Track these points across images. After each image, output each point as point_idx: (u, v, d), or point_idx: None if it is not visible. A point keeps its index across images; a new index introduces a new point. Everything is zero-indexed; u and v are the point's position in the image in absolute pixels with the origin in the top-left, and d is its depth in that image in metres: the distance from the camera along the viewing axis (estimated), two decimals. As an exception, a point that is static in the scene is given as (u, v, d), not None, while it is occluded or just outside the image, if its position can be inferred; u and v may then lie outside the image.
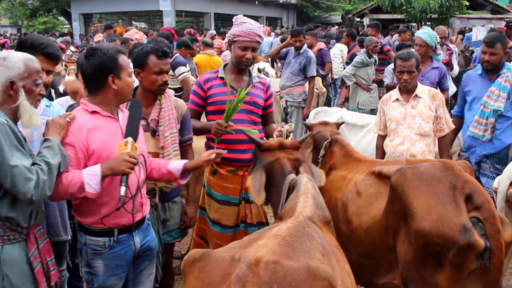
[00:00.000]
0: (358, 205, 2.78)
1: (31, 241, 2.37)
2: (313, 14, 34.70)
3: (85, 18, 26.52)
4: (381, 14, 18.90)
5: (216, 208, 3.38)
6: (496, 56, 4.04)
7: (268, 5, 31.68)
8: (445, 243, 2.23)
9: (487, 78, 4.18)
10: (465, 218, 2.24)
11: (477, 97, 4.18)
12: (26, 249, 2.34)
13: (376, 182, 2.75)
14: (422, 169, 2.47)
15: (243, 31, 3.25)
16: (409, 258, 2.37)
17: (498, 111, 4.04)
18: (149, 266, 2.82)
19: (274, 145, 2.58)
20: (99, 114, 2.52)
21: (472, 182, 2.39)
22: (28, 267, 2.34)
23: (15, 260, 2.30)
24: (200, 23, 27.62)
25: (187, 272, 1.62)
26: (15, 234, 2.30)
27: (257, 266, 1.45)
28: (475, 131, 4.15)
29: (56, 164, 2.28)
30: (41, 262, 2.40)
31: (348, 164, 3.13)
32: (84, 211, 2.53)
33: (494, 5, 19.48)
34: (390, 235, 2.51)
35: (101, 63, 2.47)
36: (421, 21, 15.52)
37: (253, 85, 3.36)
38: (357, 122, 5.42)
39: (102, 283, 2.58)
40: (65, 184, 2.34)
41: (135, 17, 28.26)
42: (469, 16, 16.44)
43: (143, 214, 2.70)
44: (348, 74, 7.36)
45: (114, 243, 2.55)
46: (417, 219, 2.32)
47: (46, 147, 2.31)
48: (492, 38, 4.15)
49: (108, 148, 2.48)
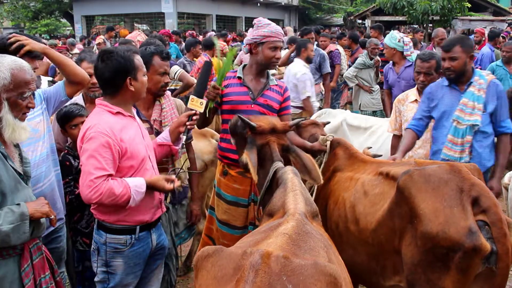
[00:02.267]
0: (365, 205, 2.75)
1: (24, 257, 2.26)
2: (315, 16, 34.76)
3: (87, 20, 26.59)
4: (383, 16, 18.94)
5: (224, 208, 3.40)
6: (457, 61, 3.43)
7: (270, 7, 31.72)
8: (451, 246, 2.21)
9: (456, 89, 3.54)
10: (471, 221, 2.21)
11: (446, 111, 3.53)
12: (19, 265, 2.23)
13: (383, 183, 2.72)
14: (429, 171, 2.43)
15: (272, 31, 3.28)
16: (415, 261, 2.34)
17: (475, 126, 3.42)
18: (160, 266, 2.87)
19: (267, 129, 2.61)
20: (122, 114, 2.56)
21: (479, 185, 2.35)
22: (19, 284, 2.23)
23: (6, 277, 2.19)
24: (202, 25, 27.64)
25: (200, 266, 1.68)
26: (8, 249, 2.19)
27: (268, 258, 1.53)
28: (450, 153, 3.48)
29: (7, 230, 2.10)
30: (33, 278, 2.30)
31: (354, 165, 3.09)
32: (107, 210, 2.54)
33: (496, 7, 19.50)
34: (396, 237, 2.49)
35: (119, 66, 2.48)
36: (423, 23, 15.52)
37: (269, 88, 3.38)
38: (361, 124, 5.40)
39: (120, 281, 2.60)
40: (115, 195, 2.38)
41: (137, 19, 28.31)
42: (471, 18, 16.43)
43: (162, 211, 2.77)
44: (350, 75, 7.38)
45: (135, 240, 2.59)
46: (424, 222, 2.30)
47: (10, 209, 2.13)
48: (449, 41, 3.60)
49: (135, 147, 2.54)
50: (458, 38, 3.64)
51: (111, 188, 2.37)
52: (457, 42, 3.48)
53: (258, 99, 3.31)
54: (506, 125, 3.53)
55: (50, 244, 2.84)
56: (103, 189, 2.36)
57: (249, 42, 3.33)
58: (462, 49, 3.43)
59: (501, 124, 3.52)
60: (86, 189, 2.37)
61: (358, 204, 2.78)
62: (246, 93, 3.30)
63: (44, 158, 2.78)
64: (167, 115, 3.18)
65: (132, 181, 2.46)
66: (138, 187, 2.45)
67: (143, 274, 2.75)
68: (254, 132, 2.61)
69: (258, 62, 3.34)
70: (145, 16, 27.51)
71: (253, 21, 3.45)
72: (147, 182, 2.50)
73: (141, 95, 2.65)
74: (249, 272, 1.49)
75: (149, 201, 2.62)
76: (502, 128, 3.52)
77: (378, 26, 9.68)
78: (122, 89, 2.53)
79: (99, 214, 2.59)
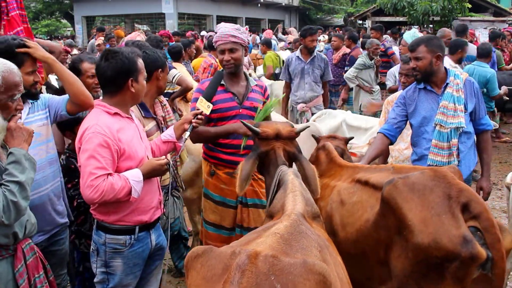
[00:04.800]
0: (343, 215, 2.65)
1: (18, 257, 2.25)
2: (315, 16, 34.74)
3: (88, 21, 26.57)
4: (383, 16, 18.94)
5: (212, 208, 3.39)
6: (421, 60, 3.34)
7: (270, 8, 31.71)
8: (445, 256, 2.12)
9: (433, 91, 3.43)
10: (464, 228, 2.13)
11: (426, 116, 3.42)
12: (12, 266, 2.23)
13: (361, 191, 2.62)
14: (413, 179, 2.32)
15: (218, 36, 3.31)
16: (407, 273, 2.25)
17: (460, 129, 3.33)
18: (159, 267, 2.89)
19: (271, 135, 2.58)
20: (120, 115, 2.57)
21: (467, 190, 2.26)
22: (14, 284, 2.22)
23: (0, 278, 2.18)
24: (202, 26, 27.63)
25: (190, 267, 1.66)
26: (1, 250, 2.19)
27: (256, 258, 1.51)
28: (438, 159, 3.37)
29: (27, 179, 2.16)
30: (28, 278, 2.29)
31: (331, 171, 3.01)
32: (106, 210, 2.56)
33: (497, 7, 19.48)
34: (381, 249, 2.40)
35: (122, 66, 2.50)
36: (423, 24, 15.53)
37: (252, 89, 3.38)
38: (362, 125, 5.39)
39: (119, 282, 2.61)
40: (115, 190, 2.39)
41: (137, 19, 28.30)
42: (472, 18, 16.42)
43: (161, 211, 2.79)
44: (350, 76, 7.36)
45: (134, 241, 2.60)
46: (414, 233, 2.19)
47: (12, 163, 2.15)
48: (414, 41, 3.48)
49: (133, 148, 2.55)
50: (424, 38, 3.55)
51: (111, 184, 2.38)
52: (422, 42, 3.40)
53: (245, 103, 3.31)
54: (485, 122, 3.50)
55: (52, 247, 2.84)
56: (104, 187, 2.37)
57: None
58: (427, 48, 3.34)
59: (481, 121, 3.48)
60: (88, 190, 2.38)
61: (335, 214, 2.70)
62: (232, 99, 3.29)
63: (46, 163, 2.75)
64: (169, 111, 3.40)
65: (128, 173, 2.49)
66: (135, 177, 2.48)
67: (142, 275, 2.75)
68: (259, 138, 2.59)
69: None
70: (145, 17, 27.50)
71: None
72: (142, 170, 2.53)
73: (140, 97, 2.68)
74: (235, 273, 1.47)
75: (149, 201, 2.64)
76: (482, 126, 3.49)
77: (379, 27, 9.70)
78: (122, 89, 2.55)
79: (98, 215, 2.59)
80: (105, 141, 2.41)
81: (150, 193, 2.65)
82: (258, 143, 2.60)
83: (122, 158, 2.50)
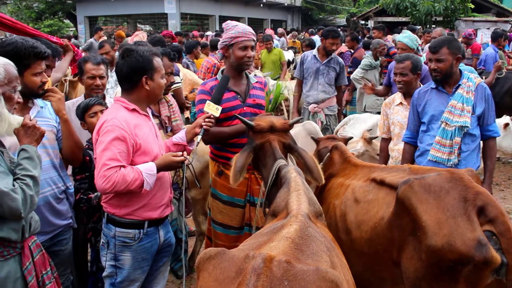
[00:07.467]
0: (357, 214, 2.65)
1: (25, 254, 2.28)
2: (317, 16, 34.72)
3: (90, 21, 26.59)
4: (385, 16, 18.93)
5: (220, 208, 3.40)
6: (443, 63, 3.39)
7: (273, 8, 31.71)
8: (459, 259, 2.10)
9: (444, 92, 3.50)
10: (479, 232, 2.10)
11: (435, 115, 3.49)
12: (20, 264, 2.25)
13: (377, 189, 2.62)
14: (429, 180, 2.32)
15: (239, 32, 3.28)
16: (420, 275, 2.23)
17: (464, 128, 3.37)
18: (166, 263, 2.93)
19: (265, 127, 2.62)
20: (138, 112, 2.63)
21: (484, 193, 2.24)
22: (22, 282, 2.25)
23: (9, 277, 2.20)
24: (205, 26, 27.64)
25: (202, 268, 1.68)
26: (9, 249, 2.22)
27: (271, 263, 1.52)
28: (438, 155, 3.42)
29: (39, 175, 2.23)
30: (36, 275, 2.32)
31: (346, 170, 3.04)
32: (118, 203, 2.60)
33: (499, 7, 19.46)
34: (395, 249, 2.39)
35: (136, 64, 2.56)
36: (426, 24, 15.52)
37: (253, 87, 3.40)
38: None
39: (127, 276, 2.64)
40: (128, 181, 2.43)
41: (140, 19, 28.33)
42: (474, 19, 16.42)
43: (171, 209, 2.83)
44: (357, 77, 7.34)
45: (143, 235, 2.64)
46: (428, 234, 2.18)
47: (25, 158, 2.21)
48: (436, 43, 3.53)
49: (149, 144, 2.61)
50: (445, 39, 3.57)
51: (123, 175, 2.43)
52: (444, 44, 3.44)
53: (247, 100, 3.33)
54: (493, 129, 3.51)
55: (54, 247, 2.87)
56: (116, 178, 2.41)
57: (221, 47, 3.35)
58: (449, 51, 3.40)
59: (488, 127, 3.49)
60: (100, 180, 2.44)
61: (350, 212, 2.70)
62: (235, 98, 3.30)
63: (48, 166, 2.79)
64: (175, 111, 3.43)
65: (142, 166, 2.53)
66: (148, 170, 2.52)
67: (150, 271, 2.78)
68: (253, 131, 2.63)
69: (231, 64, 3.34)
70: (148, 17, 27.52)
71: (222, 25, 3.48)
72: (156, 164, 2.57)
73: (156, 96, 2.73)
74: (251, 276, 1.49)
75: (160, 198, 2.68)
76: (489, 132, 3.50)
77: (382, 27, 9.69)
78: (137, 87, 2.61)
79: (110, 207, 2.64)
80: (122, 135, 2.47)
81: (162, 189, 2.69)
82: (253, 136, 2.64)
83: (138, 153, 2.55)
